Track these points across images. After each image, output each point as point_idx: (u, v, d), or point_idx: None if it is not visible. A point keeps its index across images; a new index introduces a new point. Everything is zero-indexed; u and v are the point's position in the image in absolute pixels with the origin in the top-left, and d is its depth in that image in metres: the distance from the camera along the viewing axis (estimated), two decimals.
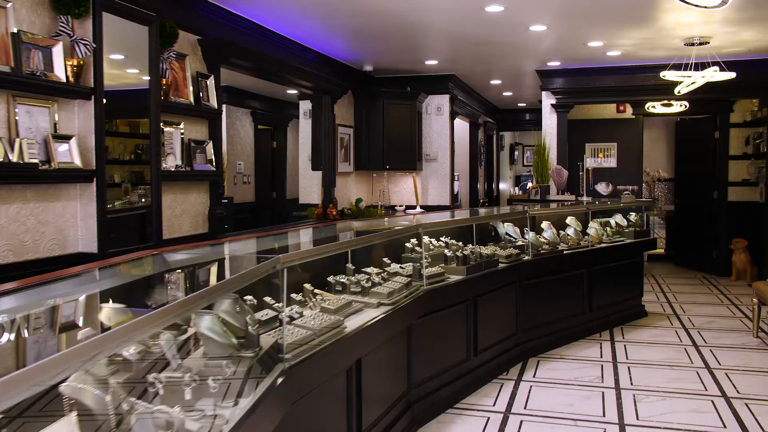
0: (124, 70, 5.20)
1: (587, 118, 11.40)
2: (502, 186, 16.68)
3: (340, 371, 3.39)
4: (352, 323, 3.56)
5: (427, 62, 9.01)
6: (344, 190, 9.22)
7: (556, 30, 7.15)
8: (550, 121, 9.83)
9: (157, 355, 2.34)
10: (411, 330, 4.44)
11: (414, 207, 9.82)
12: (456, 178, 12.28)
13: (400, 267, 4.78)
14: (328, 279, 4.16)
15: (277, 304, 3.41)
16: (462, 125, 12.53)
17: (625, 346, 6.44)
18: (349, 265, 4.46)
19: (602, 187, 9.11)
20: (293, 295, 3.70)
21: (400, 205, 9.97)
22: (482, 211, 7.28)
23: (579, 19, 6.74)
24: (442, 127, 10.23)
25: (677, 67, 7.95)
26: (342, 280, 4.18)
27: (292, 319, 3.29)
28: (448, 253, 5.18)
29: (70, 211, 4.25)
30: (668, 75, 7.81)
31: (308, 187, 9.09)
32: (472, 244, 5.69)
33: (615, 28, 7.16)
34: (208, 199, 5.76)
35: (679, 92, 8.20)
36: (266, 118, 11.81)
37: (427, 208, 9.91)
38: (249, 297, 3.32)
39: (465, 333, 5.18)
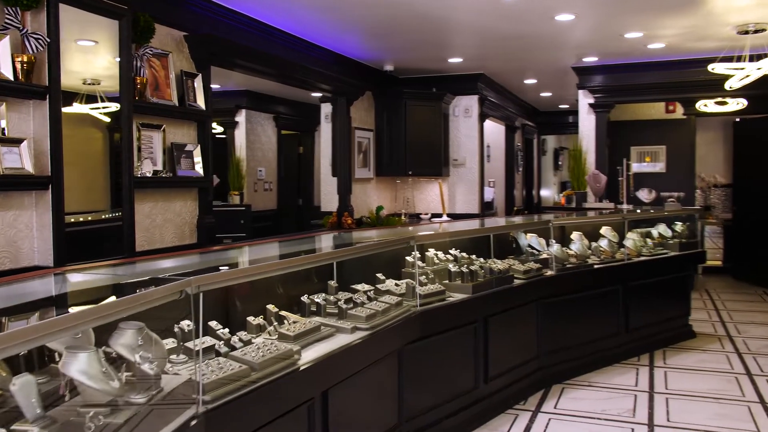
0: None
1: (633, 119, 10.60)
2: (545, 193, 15.92)
3: (295, 408, 2.88)
4: (313, 353, 3.04)
5: (451, 60, 8.45)
6: (363, 198, 8.73)
7: (586, 19, 6.49)
8: (587, 122, 9.12)
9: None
10: (402, 355, 3.90)
11: (440, 215, 9.24)
12: (490, 185, 11.65)
13: (396, 284, 4.26)
14: (302, 299, 3.68)
15: (221, 330, 2.95)
16: (497, 128, 11.90)
17: (665, 372, 5.72)
18: (332, 283, 3.97)
19: (644, 194, 8.35)
20: (250, 319, 3.23)
21: (426, 214, 9.42)
22: (502, 220, 6.67)
23: (610, 6, 6.07)
24: (471, 130, 9.62)
25: (729, 59, 7.15)
26: (317, 300, 3.69)
27: (233, 348, 2.80)
28: (453, 269, 4.62)
29: (24, 221, 3.88)
30: (717, 68, 7.02)
31: (330, 194, 8.65)
32: (488, 258, 5.14)
33: (654, 16, 6.46)
34: (196, 207, 5.35)
35: (731, 87, 7.38)
36: (292, 123, 11.45)
37: (455, 217, 9.33)
38: (186, 322, 2.87)
39: (473, 358, 4.60)
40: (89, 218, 4.74)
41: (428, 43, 7.45)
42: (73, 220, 4.77)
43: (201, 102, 5.26)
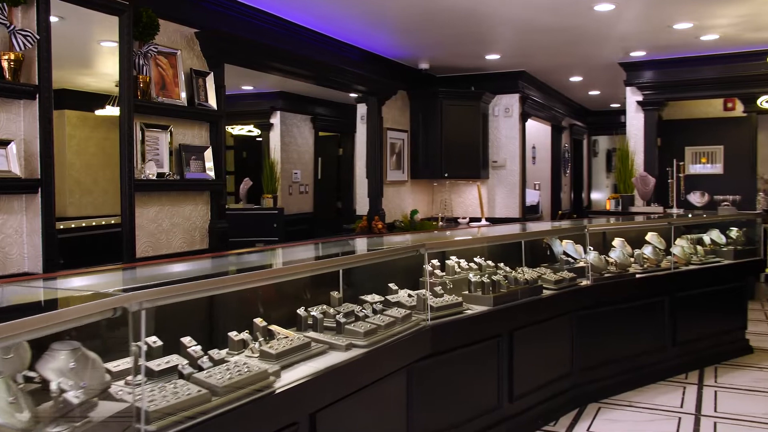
0: None
1: (688, 118, 9.98)
2: (596, 196, 15.25)
3: None
4: (296, 373, 2.75)
5: (488, 57, 8.06)
6: (397, 201, 8.42)
7: (628, 9, 6.03)
8: (635, 120, 8.58)
9: None
10: (412, 373, 3.58)
11: (479, 219, 8.85)
12: (536, 188, 11.17)
13: (409, 295, 3.94)
14: (298, 312, 3.40)
15: (193, 347, 2.68)
16: (542, 129, 11.42)
17: (715, 392, 5.21)
18: (335, 294, 3.68)
19: (696, 198, 7.75)
20: (232, 334, 2.96)
21: (464, 218, 9.04)
22: (538, 225, 6.26)
23: None
24: (512, 131, 9.20)
25: None
26: (314, 313, 3.40)
27: (200, 369, 2.53)
28: (474, 279, 4.26)
29: (13, 225, 3.72)
30: None
31: (364, 197, 8.38)
32: (520, 266, 4.78)
33: (704, 5, 5.94)
34: (208, 211, 5.14)
35: None
36: (331, 124, 11.23)
37: (494, 221, 8.93)
38: (153, 338, 2.63)
39: (496, 375, 4.25)
40: (103, 222, 4.61)
41: (463, 38, 7.09)
42: (75, 225, 4.65)
43: (213, 101, 5.05)
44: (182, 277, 3.03)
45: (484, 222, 8.80)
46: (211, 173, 5.00)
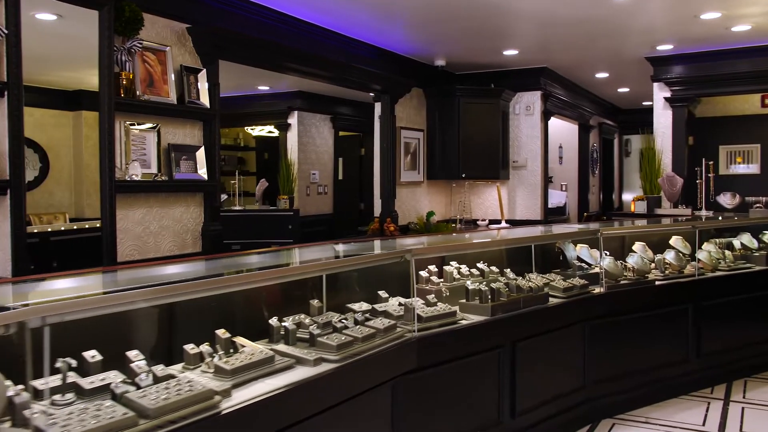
0: None
1: (723, 115, 9.47)
2: (628, 197, 14.73)
3: None
4: (251, 391, 2.52)
5: (506, 52, 7.74)
6: (412, 202, 8.16)
7: None
8: (663, 118, 8.15)
9: None
10: (397, 388, 3.33)
11: (499, 221, 8.53)
12: (562, 188, 10.78)
13: (399, 303, 3.69)
14: (270, 322, 3.17)
15: (138, 362, 2.47)
16: (570, 128, 11.01)
17: (742, 408, 4.84)
18: (315, 302, 3.45)
19: (726, 199, 7.29)
20: (188, 347, 2.75)
21: (483, 220, 8.73)
22: (547, 229, 5.95)
23: None
24: (533, 129, 8.85)
25: None
26: (285, 324, 3.17)
27: (138, 387, 2.32)
28: (471, 286, 3.98)
29: None
30: None
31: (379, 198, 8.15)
32: (530, 272, 4.49)
33: None
34: (201, 213, 4.96)
35: None
36: (352, 124, 11.02)
37: (514, 223, 8.61)
38: (92, 352, 2.43)
39: (497, 389, 3.97)
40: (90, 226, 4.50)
41: (479, 32, 6.80)
42: (78, 227, 4.53)
43: (205, 99, 4.87)
44: (144, 283, 2.84)
45: (503, 224, 8.49)
46: (204, 174, 4.83)
